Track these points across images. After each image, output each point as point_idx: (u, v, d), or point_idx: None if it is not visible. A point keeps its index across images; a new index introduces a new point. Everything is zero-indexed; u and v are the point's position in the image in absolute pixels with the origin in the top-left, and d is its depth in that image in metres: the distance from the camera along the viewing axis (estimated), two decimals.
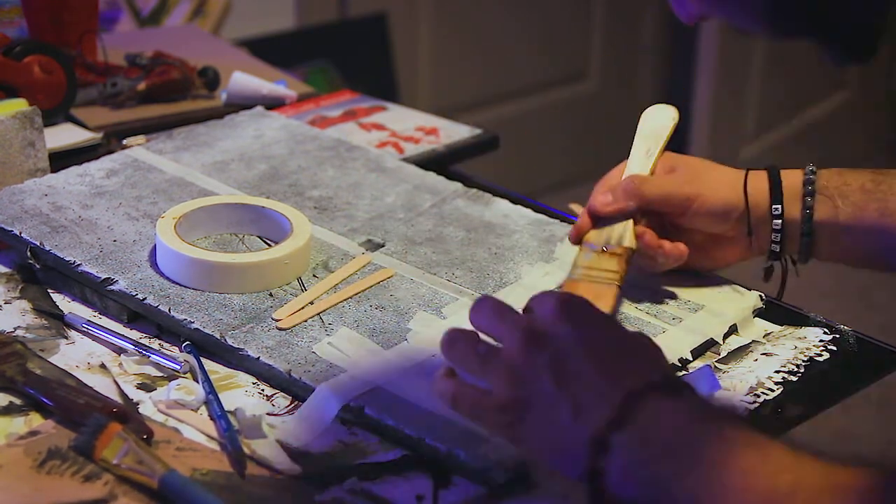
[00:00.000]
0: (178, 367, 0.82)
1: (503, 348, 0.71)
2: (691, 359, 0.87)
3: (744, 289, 0.95)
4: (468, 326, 0.88)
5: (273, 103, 1.29)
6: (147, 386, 0.82)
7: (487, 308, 0.74)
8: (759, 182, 0.94)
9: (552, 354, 0.69)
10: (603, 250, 0.91)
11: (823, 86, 3.08)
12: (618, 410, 0.65)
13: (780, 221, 0.93)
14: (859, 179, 0.93)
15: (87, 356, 0.85)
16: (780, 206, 0.93)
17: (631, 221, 0.92)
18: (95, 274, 0.91)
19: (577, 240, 0.93)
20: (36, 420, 0.78)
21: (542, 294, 0.74)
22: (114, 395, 0.81)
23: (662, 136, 0.97)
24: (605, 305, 0.88)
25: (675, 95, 3.01)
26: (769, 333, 0.92)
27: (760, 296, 0.95)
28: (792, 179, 0.94)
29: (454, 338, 0.74)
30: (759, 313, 0.94)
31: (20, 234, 0.95)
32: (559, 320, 0.71)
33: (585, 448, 0.66)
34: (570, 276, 0.91)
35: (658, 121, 0.98)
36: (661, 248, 0.92)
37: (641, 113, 1.00)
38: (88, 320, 0.88)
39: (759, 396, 0.84)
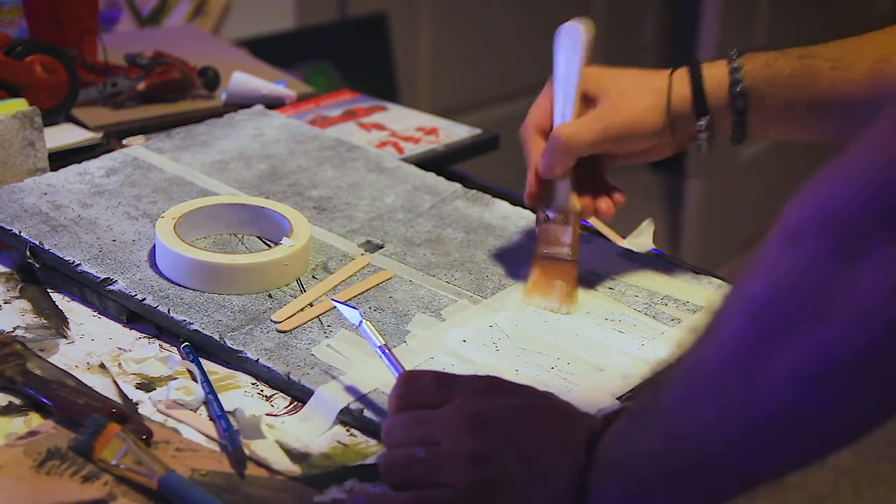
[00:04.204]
0: None
1: (444, 442, 0.70)
2: None
3: None
4: (467, 328, 0.88)
5: (273, 103, 1.29)
6: (146, 386, 0.82)
7: (401, 422, 0.73)
8: (682, 94, 0.91)
9: (500, 428, 0.69)
10: (547, 217, 0.93)
11: None
12: (585, 454, 0.66)
13: (704, 133, 0.91)
14: (787, 66, 0.88)
15: (87, 356, 0.85)
16: (704, 120, 0.90)
17: (569, 181, 0.92)
18: (95, 274, 0.91)
19: (532, 205, 0.95)
20: (35, 420, 0.78)
21: (428, 376, 0.75)
22: (113, 396, 0.81)
23: (578, 64, 0.93)
24: (569, 284, 0.91)
25: None
26: None
27: None
28: (716, 81, 0.90)
29: (388, 461, 0.72)
30: None
31: (19, 233, 0.95)
32: (482, 399, 0.71)
33: (569, 496, 0.66)
34: (534, 257, 0.94)
35: (571, 45, 0.95)
36: (597, 208, 0.94)
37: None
38: None
39: None
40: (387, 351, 0.78)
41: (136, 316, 0.89)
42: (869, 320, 0.52)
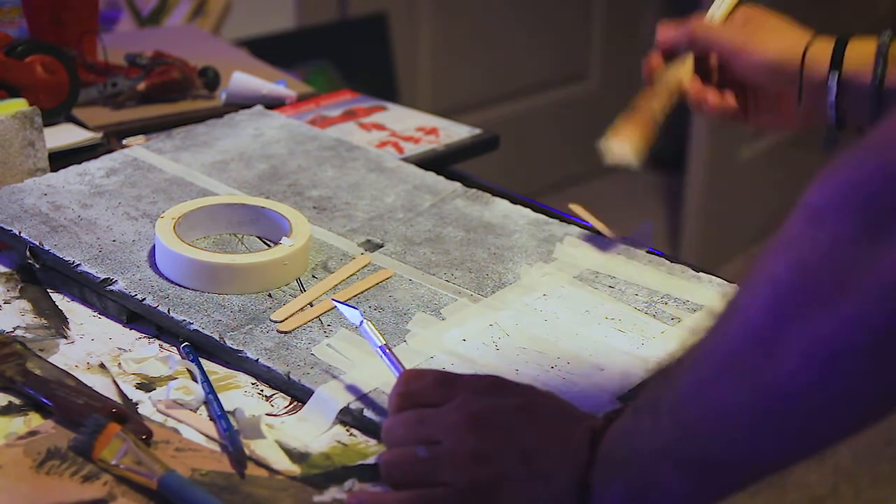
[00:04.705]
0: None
1: (445, 441, 0.70)
2: None
3: None
4: (467, 327, 0.88)
5: (273, 103, 1.29)
6: (146, 386, 0.82)
7: (402, 421, 0.73)
8: (822, 47, 0.92)
9: (501, 427, 0.69)
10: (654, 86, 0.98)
11: None
12: (588, 453, 0.66)
13: (833, 92, 0.91)
14: None
15: (87, 356, 0.85)
16: (837, 74, 0.90)
17: (685, 63, 0.98)
18: (94, 274, 0.91)
19: (649, 76, 0.99)
20: (35, 420, 0.78)
21: (429, 374, 0.75)
22: (113, 396, 0.81)
23: None
24: (641, 135, 0.95)
25: None
26: None
27: None
28: (861, 48, 0.91)
29: (389, 461, 0.72)
30: None
31: (19, 233, 0.95)
32: (483, 398, 0.71)
33: (570, 496, 0.66)
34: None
35: None
36: (704, 97, 0.97)
37: None
38: None
39: None
40: (387, 351, 0.78)
41: (136, 316, 0.89)
42: (892, 295, 0.52)
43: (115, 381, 0.82)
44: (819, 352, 0.55)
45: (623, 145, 0.94)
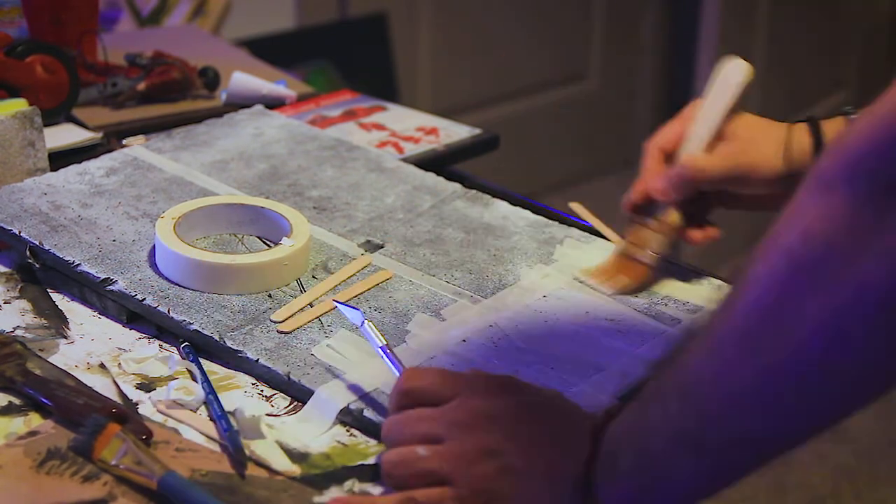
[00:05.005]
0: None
1: (446, 440, 0.70)
2: None
3: None
4: (467, 327, 0.88)
5: (273, 103, 1.29)
6: (146, 386, 0.82)
7: (403, 420, 0.73)
8: (802, 141, 0.93)
9: (503, 426, 0.69)
10: (643, 222, 0.96)
11: (823, 86, 3.08)
12: (590, 449, 0.66)
13: None
14: None
15: (87, 356, 0.85)
16: None
17: (675, 210, 0.95)
18: (94, 274, 0.91)
19: (628, 212, 0.97)
20: (35, 420, 0.78)
21: (431, 373, 0.75)
22: (113, 396, 0.81)
23: (727, 102, 0.95)
24: (633, 281, 0.94)
25: (675, 95, 3.01)
26: None
27: None
28: (836, 132, 0.92)
29: (389, 460, 0.71)
30: None
31: (19, 233, 0.95)
32: (485, 396, 0.71)
33: (573, 493, 0.66)
34: (615, 251, 0.97)
35: (728, 82, 0.96)
36: (690, 236, 0.96)
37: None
38: None
39: None
40: (388, 351, 0.78)
41: (136, 316, 0.89)
42: None
43: (115, 381, 0.82)
44: (833, 321, 0.55)
45: (614, 289, 0.94)
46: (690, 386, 0.61)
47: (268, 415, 0.80)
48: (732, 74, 0.96)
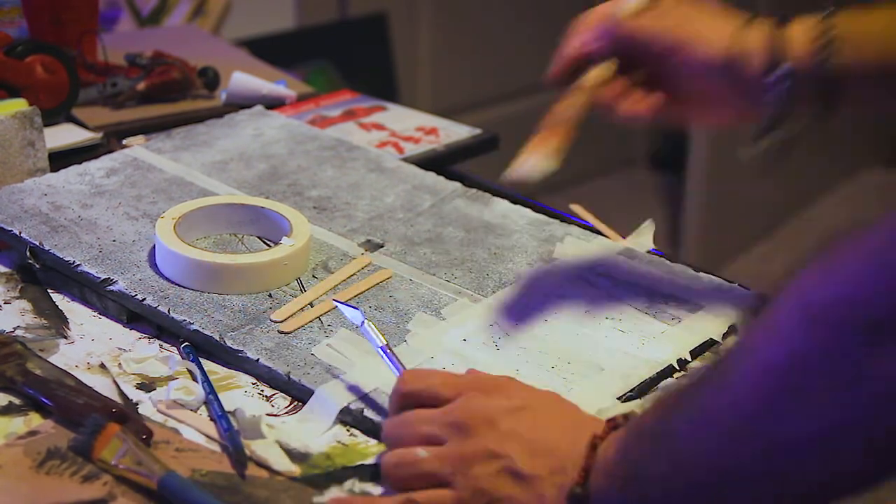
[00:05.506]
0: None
1: (446, 441, 0.70)
2: (690, 360, 0.87)
3: (745, 288, 0.95)
4: (467, 327, 0.88)
5: (273, 103, 1.29)
6: (146, 386, 0.82)
7: (403, 421, 0.73)
8: (754, 41, 0.81)
9: (503, 428, 0.69)
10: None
11: None
12: (588, 459, 0.66)
13: (783, 83, 0.80)
14: (879, 21, 0.79)
15: (87, 356, 0.85)
16: (782, 64, 0.80)
17: (608, 63, 0.86)
18: (95, 274, 0.91)
19: (549, 85, 0.88)
20: (35, 420, 0.78)
21: (431, 374, 0.75)
22: (113, 396, 0.81)
23: None
24: (548, 146, 0.84)
25: None
26: None
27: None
28: (801, 29, 0.80)
29: (389, 461, 0.71)
30: None
31: (20, 233, 0.95)
32: (486, 398, 0.71)
33: (570, 500, 0.66)
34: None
35: None
36: (618, 106, 0.86)
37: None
38: None
39: None
40: (388, 351, 0.78)
41: (136, 316, 0.89)
42: (889, 409, 0.53)
43: (115, 381, 0.82)
44: (810, 438, 0.55)
45: (533, 159, 0.84)
46: (675, 445, 0.61)
47: (268, 415, 0.80)
48: None
